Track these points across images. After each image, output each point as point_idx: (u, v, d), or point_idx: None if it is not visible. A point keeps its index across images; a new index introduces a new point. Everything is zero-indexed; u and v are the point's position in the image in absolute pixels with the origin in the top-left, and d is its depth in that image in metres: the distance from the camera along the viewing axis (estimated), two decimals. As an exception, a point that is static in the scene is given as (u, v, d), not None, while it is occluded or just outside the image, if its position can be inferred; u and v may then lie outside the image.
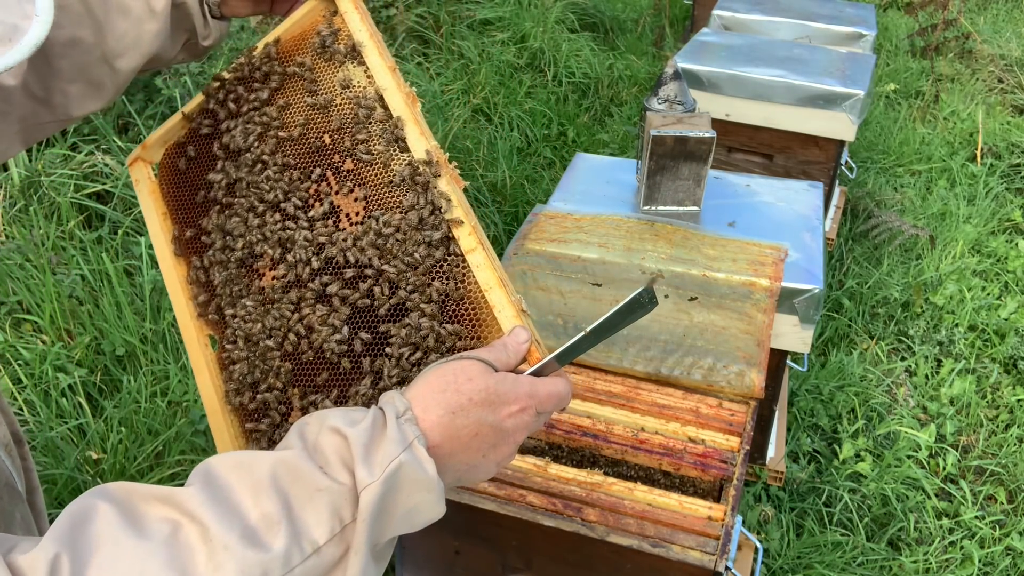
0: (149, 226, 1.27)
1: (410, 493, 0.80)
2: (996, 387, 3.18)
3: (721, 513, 1.53)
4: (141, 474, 2.36)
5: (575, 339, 0.95)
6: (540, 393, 0.90)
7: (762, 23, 3.91)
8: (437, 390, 0.86)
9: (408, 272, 1.06)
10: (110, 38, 1.12)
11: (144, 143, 1.30)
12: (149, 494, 0.74)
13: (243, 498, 0.74)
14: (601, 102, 4.99)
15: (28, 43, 0.69)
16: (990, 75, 5.56)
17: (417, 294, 1.05)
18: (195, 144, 1.27)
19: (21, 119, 1.11)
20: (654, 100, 2.23)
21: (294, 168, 1.17)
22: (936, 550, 2.54)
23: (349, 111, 1.16)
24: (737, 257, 2.02)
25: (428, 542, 1.67)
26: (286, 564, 0.72)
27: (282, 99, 1.21)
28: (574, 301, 2.00)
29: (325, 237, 1.12)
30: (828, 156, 3.19)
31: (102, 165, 3.21)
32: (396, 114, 1.12)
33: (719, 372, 1.90)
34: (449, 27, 4.84)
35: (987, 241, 3.97)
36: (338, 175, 1.14)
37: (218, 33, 1.25)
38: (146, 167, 1.31)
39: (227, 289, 1.18)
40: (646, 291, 0.93)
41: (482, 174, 3.82)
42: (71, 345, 2.69)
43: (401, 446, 0.79)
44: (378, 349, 1.07)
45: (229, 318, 1.18)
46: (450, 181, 1.08)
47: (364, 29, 1.17)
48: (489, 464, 0.89)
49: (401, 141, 1.12)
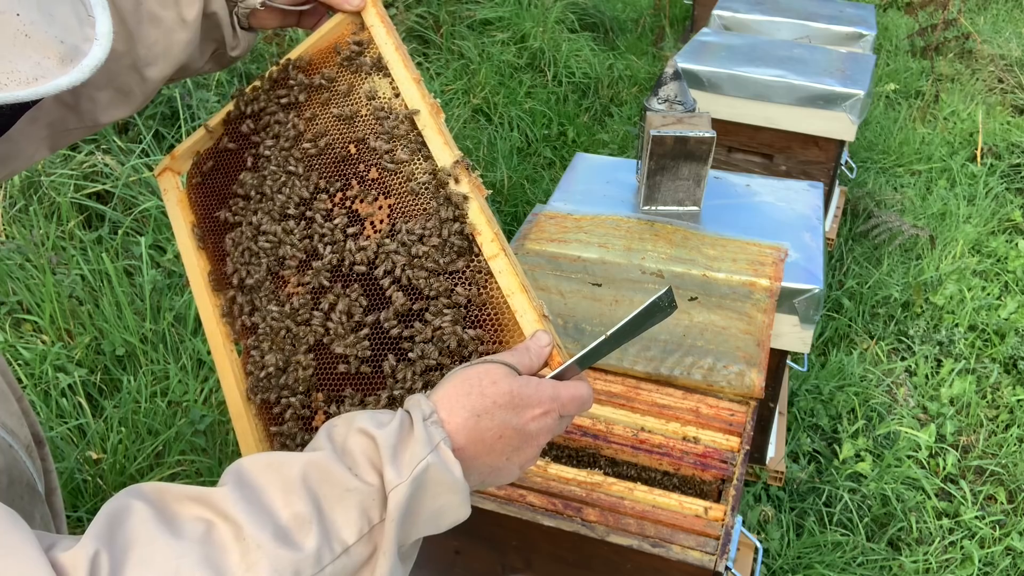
0: (177, 234, 1.31)
1: (436, 495, 0.81)
2: (996, 387, 3.18)
3: (721, 513, 1.53)
4: (141, 474, 2.36)
5: (596, 342, 0.95)
6: (563, 396, 0.91)
7: (762, 23, 3.91)
8: (462, 393, 0.87)
9: (431, 278, 1.07)
10: (140, 47, 1.13)
11: (173, 153, 1.34)
12: (182, 494, 0.75)
13: (275, 498, 0.76)
14: (601, 102, 4.99)
15: (88, 65, 0.72)
16: (990, 75, 5.56)
17: (440, 299, 1.06)
18: (222, 155, 1.29)
19: (49, 124, 1.13)
20: (654, 100, 2.23)
21: (320, 178, 1.20)
22: (936, 550, 2.54)
23: (374, 122, 1.18)
24: (737, 257, 2.02)
25: (428, 542, 1.66)
26: (317, 563, 0.73)
27: (308, 111, 1.24)
28: (574, 301, 2.00)
29: (351, 245, 1.14)
30: (828, 156, 3.19)
31: (102, 165, 3.20)
32: (420, 125, 1.14)
33: (719, 372, 1.90)
34: (449, 27, 4.84)
35: (987, 241, 3.97)
36: (363, 184, 1.17)
37: (246, 44, 1.26)
38: (174, 177, 1.35)
39: (254, 295, 1.21)
40: (666, 294, 0.94)
41: (482, 174, 3.82)
42: (71, 345, 2.69)
43: (428, 447, 0.80)
44: (401, 355, 1.08)
45: (256, 323, 1.20)
46: (473, 189, 1.10)
47: (390, 42, 1.19)
48: (512, 467, 0.90)
49: (425, 150, 1.14)
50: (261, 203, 1.22)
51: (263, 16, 1.24)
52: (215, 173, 1.30)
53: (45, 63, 0.70)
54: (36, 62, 0.69)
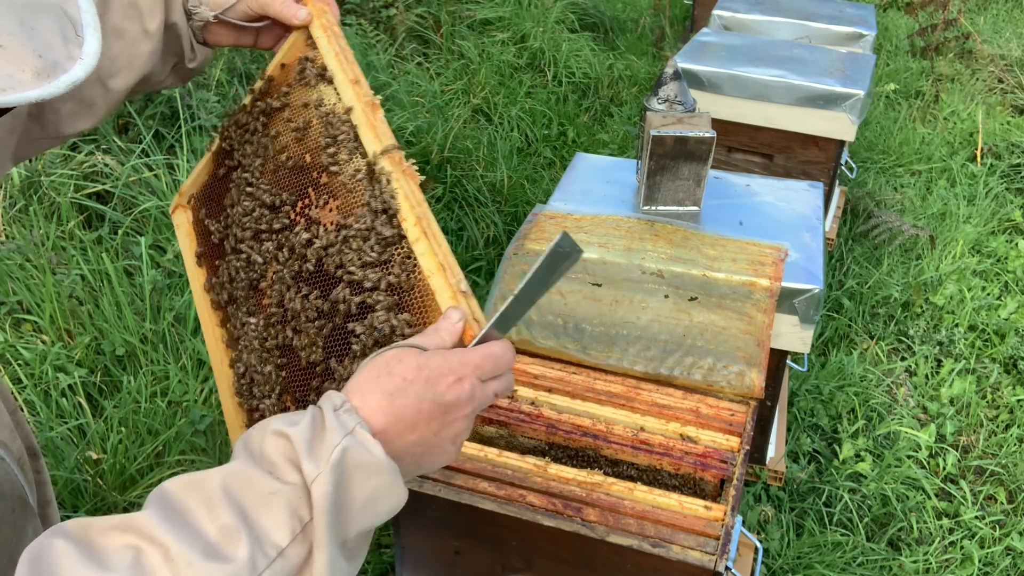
0: (187, 265, 1.38)
1: (363, 480, 0.81)
2: (996, 387, 3.18)
3: (721, 513, 1.53)
4: (141, 474, 2.36)
5: (507, 303, 0.95)
6: (473, 359, 0.90)
7: (762, 23, 3.91)
8: (371, 378, 0.87)
9: (367, 269, 1.10)
10: (104, 59, 1.14)
11: (180, 191, 1.41)
12: (106, 525, 0.74)
13: (199, 514, 0.75)
14: (601, 102, 4.99)
15: (65, 81, 0.73)
16: (990, 75, 5.56)
17: (376, 291, 1.09)
18: (214, 184, 1.37)
19: (12, 134, 1.13)
20: (654, 100, 2.23)
21: (284, 191, 1.25)
22: (936, 550, 2.54)
23: (323, 129, 1.22)
24: (737, 257, 2.02)
25: (428, 542, 1.67)
26: (253, 570, 0.73)
27: (274, 129, 1.28)
28: (574, 301, 2.00)
29: (307, 251, 1.18)
30: (828, 156, 3.19)
31: (102, 165, 3.20)
32: (355, 121, 1.18)
33: (719, 372, 1.90)
34: (449, 27, 4.84)
35: (987, 241, 3.97)
36: (317, 189, 1.21)
37: (202, 57, 1.29)
38: (185, 212, 1.41)
39: (239, 309, 1.27)
40: (564, 238, 0.92)
41: (482, 174, 3.82)
42: (71, 345, 2.69)
43: (342, 433, 0.80)
44: (344, 349, 1.11)
45: (239, 335, 1.26)
46: (401, 176, 1.12)
47: (331, 49, 1.23)
48: (444, 443, 0.89)
49: (360, 146, 1.17)
50: (239, 224, 1.28)
51: (217, 32, 1.27)
52: (210, 201, 1.37)
53: (18, 75, 0.70)
54: (8, 74, 0.69)
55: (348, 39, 1.31)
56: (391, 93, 3.90)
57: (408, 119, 3.80)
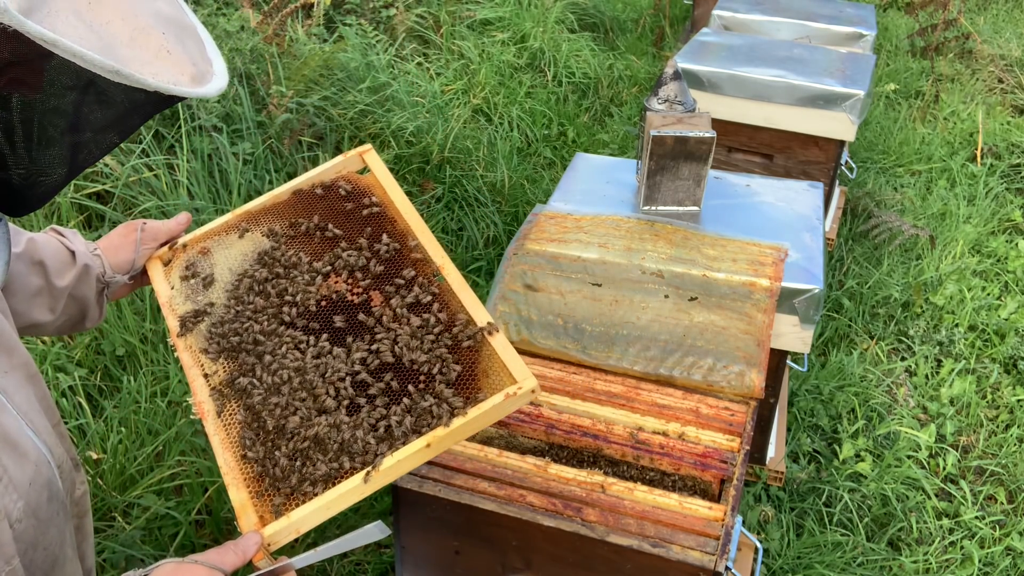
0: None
1: None
2: (996, 387, 3.18)
3: (721, 513, 1.53)
4: (141, 474, 2.36)
5: (303, 555, 1.08)
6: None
7: (762, 23, 3.91)
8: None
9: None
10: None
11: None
12: None
13: None
14: (601, 102, 4.99)
15: (215, 87, 0.94)
16: (990, 75, 5.56)
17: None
18: None
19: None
20: (654, 100, 2.23)
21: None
22: (936, 550, 2.54)
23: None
24: (737, 257, 2.02)
25: (428, 542, 1.67)
26: None
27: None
28: (574, 301, 2.00)
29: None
30: (828, 156, 3.19)
31: (102, 165, 3.20)
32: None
33: (719, 372, 1.90)
34: (449, 27, 4.84)
35: (987, 241, 3.97)
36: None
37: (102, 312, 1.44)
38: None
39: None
40: (378, 527, 1.06)
41: (482, 174, 3.82)
42: (71, 345, 2.69)
43: None
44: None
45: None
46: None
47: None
48: None
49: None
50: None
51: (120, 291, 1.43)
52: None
53: (180, 79, 0.90)
54: (174, 76, 0.89)
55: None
56: (391, 93, 3.90)
57: (408, 119, 3.80)
